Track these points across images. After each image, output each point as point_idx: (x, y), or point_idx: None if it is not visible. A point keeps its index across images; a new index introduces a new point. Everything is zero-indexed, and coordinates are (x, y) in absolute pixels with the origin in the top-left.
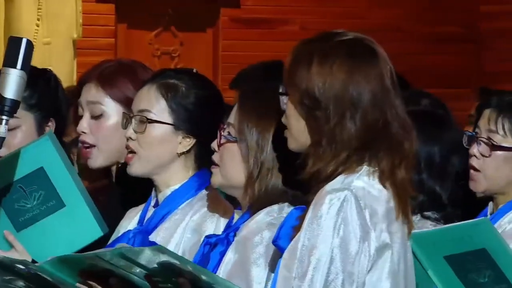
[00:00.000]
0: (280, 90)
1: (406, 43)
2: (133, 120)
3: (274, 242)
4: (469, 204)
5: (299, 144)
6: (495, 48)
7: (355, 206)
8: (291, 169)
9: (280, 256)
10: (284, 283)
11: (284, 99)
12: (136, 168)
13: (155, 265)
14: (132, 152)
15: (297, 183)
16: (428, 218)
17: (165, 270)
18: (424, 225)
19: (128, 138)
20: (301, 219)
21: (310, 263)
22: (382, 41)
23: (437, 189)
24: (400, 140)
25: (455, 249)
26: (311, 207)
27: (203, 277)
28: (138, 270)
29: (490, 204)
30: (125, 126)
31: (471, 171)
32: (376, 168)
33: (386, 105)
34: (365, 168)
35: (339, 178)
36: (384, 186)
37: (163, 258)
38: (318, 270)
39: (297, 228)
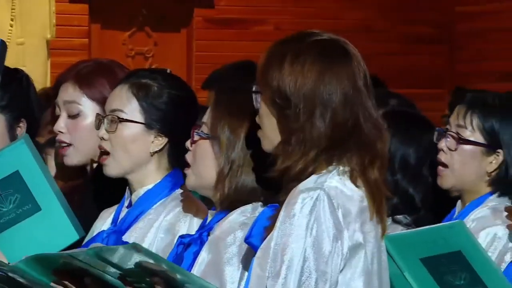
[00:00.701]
0: (254, 89)
1: (379, 44)
2: (105, 120)
3: (247, 240)
4: (441, 206)
5: (273, 144)
6: (469, 48)
7: (328, 206)
8: (263, 167)
9: (253, 255)
10: (257, 281)
11: (257, 98)
12: (111, 169)
13: (129, 265)
14: (106, 153)
15: (269, 181)
16: (399, 222)
17: (139, 270)
18: (395, 230)
19: (101, 138)
20: (274, 217)
21: (283, 263)
22: (355, 41)
23: (410, 191)
24: (372, 140)
25: (430, 251)
26: (284, 206)
27: (178, 276)
28: (112, 269)
29: (458, 203)
30: (98, 126)
31: (439, 167)
32: (348, 169)
33: (358, 105)
34: (337, 168)
35: (312, 178)
36: (357, 186)
37: (138, 256)
38: (292, 270)
39: (270, 227)
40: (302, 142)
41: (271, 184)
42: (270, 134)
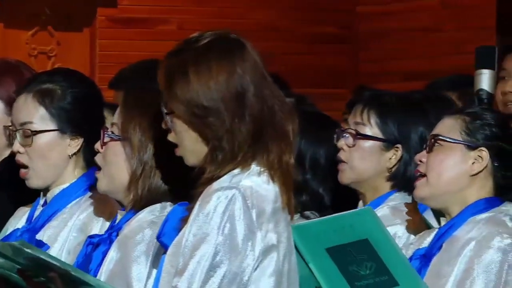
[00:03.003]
0: (164, 111)
1: (284, 43)
2: (17, 134)
3: (158, 238)
4: (349, 206)
5: (196, 155)
6: (371, 48)
7: (242, 205)
8: (175, 168)
9: (164, 253)
10: (168, 278)
11: (168, 118)
12: (34, 182)
13: (25, 260)
14: (24, 166)
15: (182, 182)
16: (307, 217)
17: (35, 265)
18: None
19: (17, 152)
20: (186, 215)
21: (192, 259)
22: (260, 41)
23: (320, 191)
24: (282, 123)
25: (337, 241)
26: (198, 203)
27: (74, 273)
28: (10, 265)
29: (360, 203)
30: (9, 140)
31: (339, 163)
32: (265, 169)
33: (266, 91)
34: (254, 167)
35: (227, 177)
36: (272, 179)
37: (29, 253)
38: (200, 265)
39: (181, 224)
40: (233, 145)
41: (184, 184)
42: (194, 148)
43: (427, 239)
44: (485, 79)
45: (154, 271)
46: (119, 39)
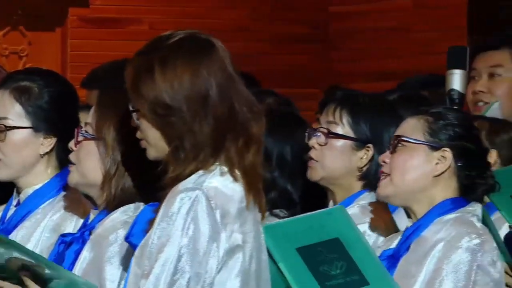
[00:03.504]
0: (131, 108)
1: (255, 43)
2: None
3: (127, 239)
4: (319, 202)
5: (159, 152)
6: (344, 48)
7: (206, 206)
8: (149, 168)
9: (133, 254)
10: (135, 280)
11: (135, 116)
12: (2, 173)
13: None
14: None
15: (154, 182)
16: (277, 215)
17: (8, 265)
18: None
19: None
20: (154, 216)
21: (157, 261)
22: (232, 41)
23: (288, 188)
24: (247, 124)
25: (308, 240)
26: (162, 205)
27: (47, 271)
28: None
29: (331, 203)
30: None
31: (309, 160)
32: (228, 168)
33: (232, 92)
34: (218, 167)
35: (192, 177)
36: (235, 178)
37: (6, 253)
38: (165, 268)
39: (149, 226)
40: (194, 145)
41: (157, 185)
42: (156, 144)
43: (395, 241)
44: (456, 79)
45: (126, 273)
46: (91, 39)
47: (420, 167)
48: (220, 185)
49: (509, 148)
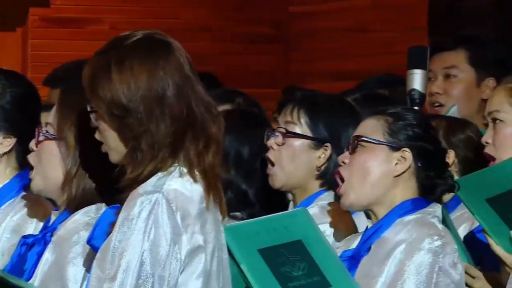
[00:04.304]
0: (89, 109)
1: (216, 43)
2: None
3: (89, 242)
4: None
5: (120, 154)
6: (304, 48)
7: (166, 209)
8: (111, 169)
9: (95, 256)
10: (97, 283)
11: (93, 116)
12: None
13: None
14: None
15: (115, 183)
16: (235, 218)
17: None
18: None
19: None
20: (115, 219)
21: (120, 266)
22: (192, 41)
23: (244, 187)
24: (206, 124)
25: (269, 242)
26: (123, 208)
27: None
28: None
29: (291, 205)
30: None
31: (268, 166)
32: (187, 169)
33: (189, 92)
34: (177, 168)
35: (152, 180)
36: (195, 179)
37: None
38: (129, 273)
39: (111, 228)
40: (151, 145)
41: (116, 185)
42: (116, 147)
43: (355, 242)
44: (417, 79)
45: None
46: (52, 39)
47: (380, 167)
48: (180, 186)
49: (466, 147)
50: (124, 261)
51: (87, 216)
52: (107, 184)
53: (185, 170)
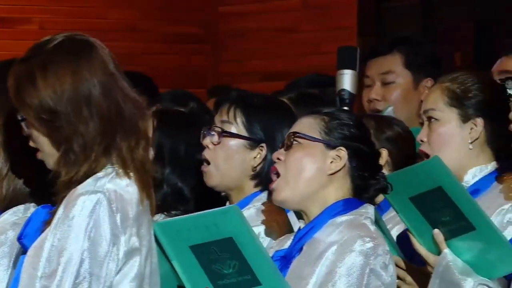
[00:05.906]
0: (19, 118)
1: (144, 43)
2: None
3: (19, 240)
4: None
5: (55, 159)
6: (233, 49)
7: (107, 209)
8: (40, 169)
9: (24, 254)
10: (28, 280)
11: (24, 125)
12: None
13: None
14: None
15: (46, 183)
16: (171, 216)
17: None
18: None
19: None
20: (49, 218)
21: (59, 264)
22: (120, 41)
23: (179, 184)
24: (135, 121)
25: (201, 239)
26: (61, 206)
27: None
28: None
29: (227, 203)
30: None
31: (204, 164)
32: (120, 167)
33: (116, 90)
34: (114, 169)
35: (91, 180)
36: (130, 177)
37: None
38: (67, 272)
39: (43, 226)
40: (83, 146)
41: (49, 186)
42: (49, 152)
43: (288, 242)
44: (347, 79)
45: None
46: None
47: (315, 165)
48: (119, 188)
49: (394, 144)
50: (63, 259)
51: (14, 216)
52: (40, 185)
53: (120, 170)
